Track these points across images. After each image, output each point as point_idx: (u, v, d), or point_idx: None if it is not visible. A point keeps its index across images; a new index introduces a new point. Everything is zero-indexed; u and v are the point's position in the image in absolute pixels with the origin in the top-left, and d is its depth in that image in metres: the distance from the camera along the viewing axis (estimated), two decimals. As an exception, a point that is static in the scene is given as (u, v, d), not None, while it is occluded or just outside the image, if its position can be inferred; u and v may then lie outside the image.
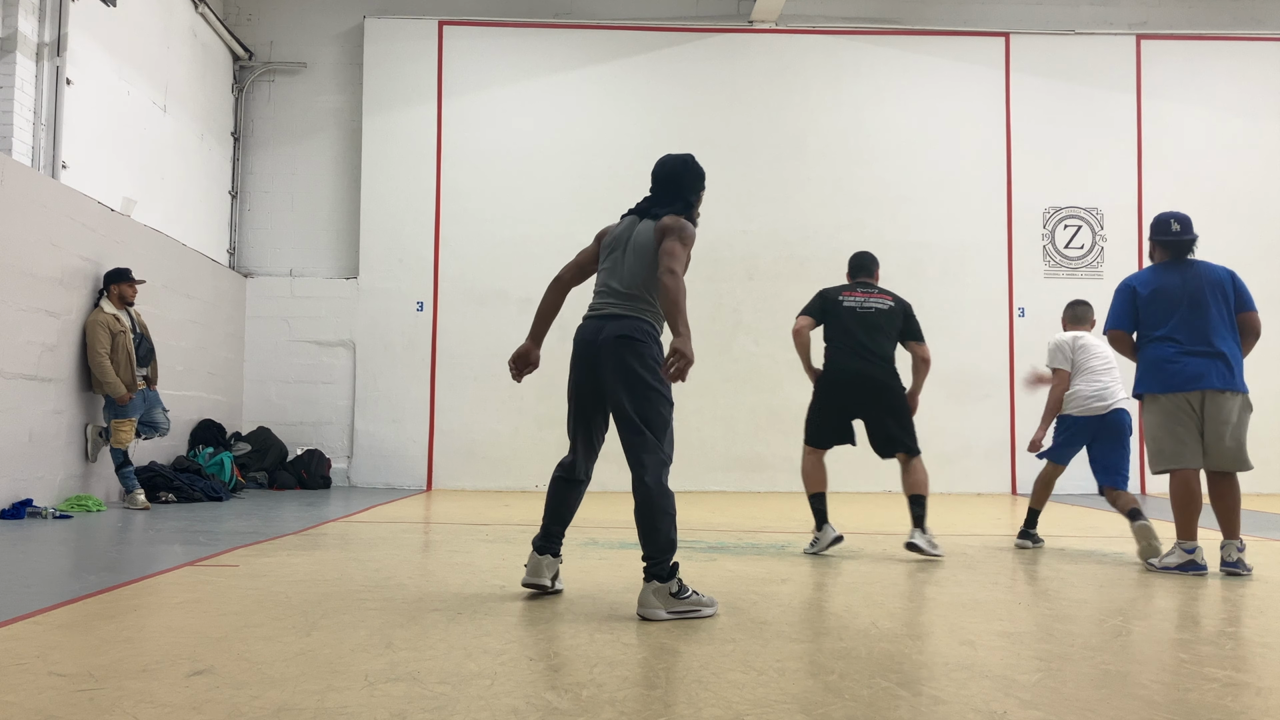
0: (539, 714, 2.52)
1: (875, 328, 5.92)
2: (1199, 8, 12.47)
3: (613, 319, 4.02)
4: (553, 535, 4.24)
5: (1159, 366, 5.24)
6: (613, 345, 3.96)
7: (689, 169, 4.37)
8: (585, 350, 4.06)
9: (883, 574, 5.09)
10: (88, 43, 8.44)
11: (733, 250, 11.89)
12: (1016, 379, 11.85)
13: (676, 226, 4.06)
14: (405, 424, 11.57)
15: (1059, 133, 12.11)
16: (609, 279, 4.13)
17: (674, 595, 3.85)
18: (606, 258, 4.20)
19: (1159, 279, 5.38)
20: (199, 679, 2.80)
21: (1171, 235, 5.45)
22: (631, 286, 4.05)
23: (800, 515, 8.35)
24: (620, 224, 4.29)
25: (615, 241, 4.19)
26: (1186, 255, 5.44)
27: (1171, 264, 5.41)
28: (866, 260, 6.34)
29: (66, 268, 7.79)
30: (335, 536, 6.50)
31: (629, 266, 4.08)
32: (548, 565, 4.23)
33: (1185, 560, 5.17)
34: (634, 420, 3.92)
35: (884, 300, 6.05)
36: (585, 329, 4.11)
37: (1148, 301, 5.34)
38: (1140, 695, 2.79)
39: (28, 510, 7.04)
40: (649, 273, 4.03)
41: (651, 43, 12.00)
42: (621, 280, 4.08)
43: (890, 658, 3.18)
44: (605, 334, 4.00)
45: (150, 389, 8.27)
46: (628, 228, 4.20)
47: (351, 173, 11.88)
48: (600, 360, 3.99)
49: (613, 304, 4.06)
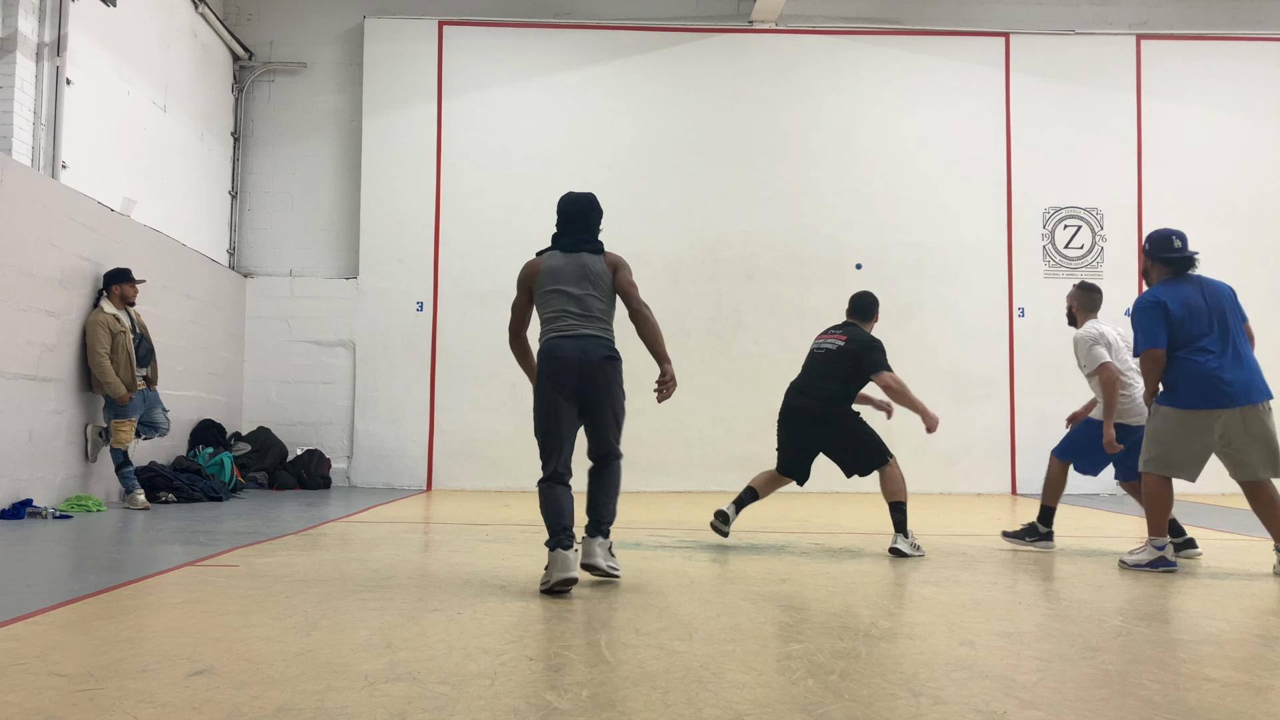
0: (539, 714, 2.52)
1: (821, 367, 6.31)
2: (1199, 8, 12.47)
3: (590, 339, 4.59)
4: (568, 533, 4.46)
5: (1201, 381, 5.11)
6: (600, 362, 4.56)
7: (596, 207, 4.90)
8: (567, 366, 4.55)
9: (883, 574, 5.09)
10: (88, 43, 8.43)
11: (733, 250, 11.89)
12: (1017, 379, 11.86)
13: (625, 264, 4.79)
14: (405, 424, 11.56)
15: (1059, 133, 12.11)
16: (568, 304, 4.64)
17: (610, 552, 4.64)
18: (552, 288, 4.68)
19: (1182, 293, 5.28)
20: (199, 679, 2.80)
21: (1174, 252, 5.38)
22: (597, 311, 4.65)
23: (800, 515, 8.36)
24: (551, 258, 4.76)
25: (558, 274, 4.69)
26: (1189, 271, 5.37)
27: (1181, 280, 5.34)
28: (859, 302, 6.70)
29: (66, 268, 7.79)
30: (335, 536, 6.50)
31: (592, 294, 4.66)
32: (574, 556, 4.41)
33: (1156, 557, 5.24)
34: (614, 422, 4.65)
35: (837, 340, 6.36)
36: (564, 347, 4.58)
37: (1179, 320, 5.21)
38: (1140, 695, 2.79)
39: (28, 510, 7.04)
40: (609, 302, 4.72)
41: (651, 43, 12.00)
42: (585, 306, 4.63)
43: (890, 658, 3.18)
44: (590, 352, 4.56)
45: (150, 389, 8.26)
46: (569, 261, 4.71)
47: (351, 173, 11.88)
48: (587, 375, 4.55)
49: (582, 325, 4.60)
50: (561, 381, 4.55)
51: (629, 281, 4.73)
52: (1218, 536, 6.83)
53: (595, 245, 4.77)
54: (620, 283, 4.73)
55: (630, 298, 4.71)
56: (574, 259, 4.71)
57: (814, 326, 11.85)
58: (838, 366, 6.25)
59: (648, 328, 4.67)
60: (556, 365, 4.56)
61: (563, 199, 4.90)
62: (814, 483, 12.38)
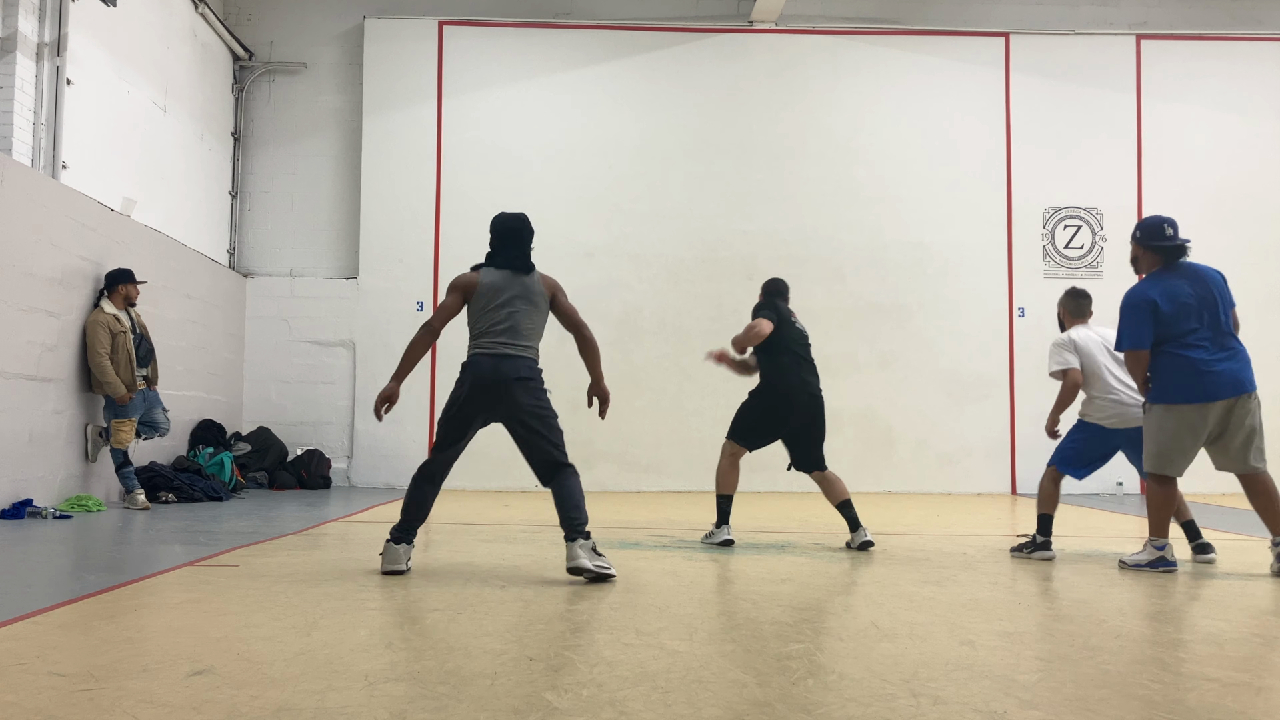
0: (539, 714, 2.52)
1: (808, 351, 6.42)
2: (1199, 8, 12.47)
3: (509, 359, 4.82)
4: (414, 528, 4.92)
5: (1192, 376, 5.08)
6: (513, 384, 4.79)
7: (529, 227, 5.13)
8: (482, 380, 4.81)
9: (883, 574, 5.09)
10: (88, 43, 8.43)
11: (732, 250, 11.89)
12: (1017, 379, 11.86)
13: (562, 288, 5.06)
14: (405, 424, 11.56)
15: (1059, 133, 12.11)
16: (499, 322, 4.87)
17: (595, 551, 4.70)
18: (489, 304, 4.90)
19: (1173, 287, 5.21)
20: (199, 679, 2.80)
21: (1166, 240, 5.32)
22: (525, 331, 4.89)
23: (800, 515, 8.35)
24: (489, 274, 4.97)
25: (498, 290, 4.90)
26: (1181, 259, 5.32)
27: (1172, 270, 5.28)
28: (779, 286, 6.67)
29: (66, 268, 7.79)
30: (335, 536, 6.50)
31: (524, 316, 4.89)
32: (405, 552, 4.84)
33: (1156, 557, 5.24)
34: (546, 433, 4.82)
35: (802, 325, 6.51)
36: (483, 364, 4.83)
37: (1169, 316, 5.16)
38: (1140, 695, 2.79)
39: (28, 510, 7.04)
40: (541, 323, 4.98)
41: (651, 43, 12.00)
42: (515, 325, 4.87)
43: (890, 658, 3.18)
44: (504, 371, 4.80)
45: (150, 389, 8.26)
46: (507, 280, 4.93)
47: (351, 173, 11.88)
48: (499, 393, 4.79)
49: (508, 346, 4.84)
50: (475, 396, 4.82)
51: (570, 307, 5.02)
52: (1218, 537, 6.82)
53: (530, 266, 5.00)
54: (563, 308, 5.00)
55: (575, 323, 4.99)
56: (513, 279, 4.94)
57: (813, 326, 11.82)
58: None
59: (591, 349, 4.99)
60: (474, 381, 4.83)
61: (496, 219, 5.13)
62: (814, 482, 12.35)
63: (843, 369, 11.83)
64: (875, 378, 11.85)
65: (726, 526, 6.23)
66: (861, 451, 11.78)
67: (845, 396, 11.75)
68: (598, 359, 5.00)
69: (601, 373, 5.02)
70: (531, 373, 4.86)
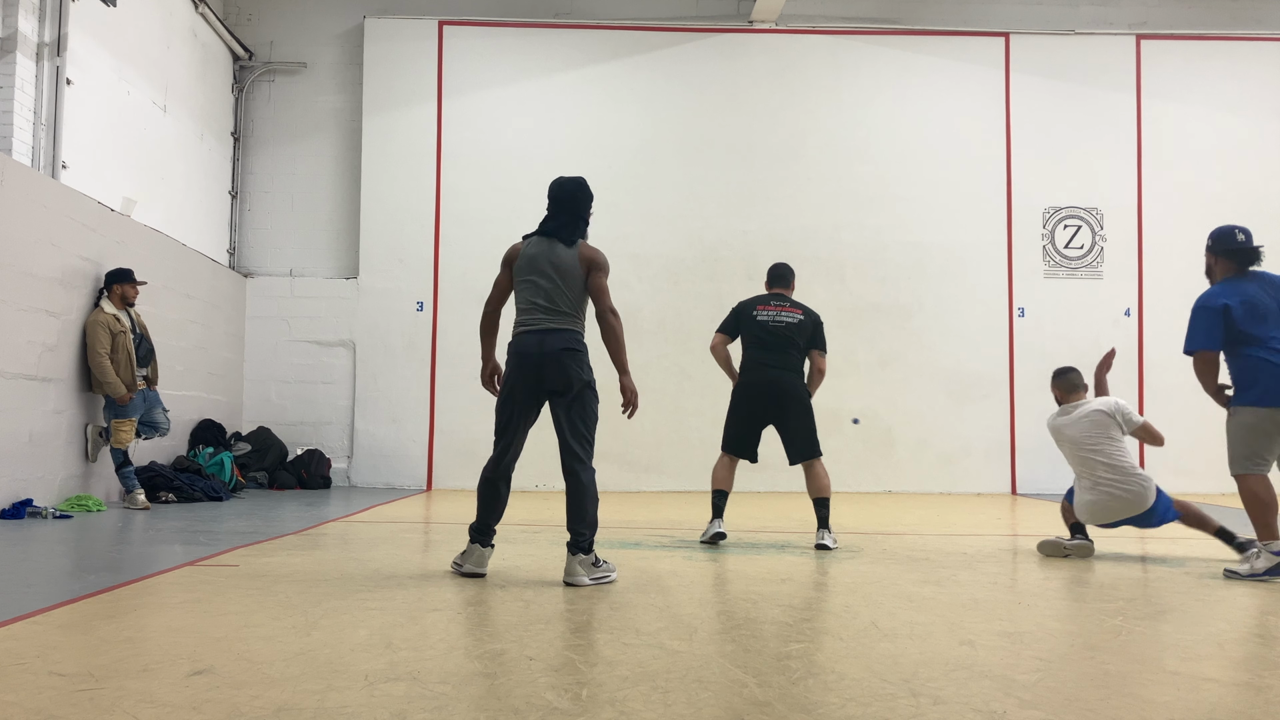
0: (539, 714, 2.52)
1: (783, 342, 6.30)
2: (1199, 8, 12.47)
3: (552, 333, 4.60)
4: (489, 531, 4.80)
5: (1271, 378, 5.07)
6: (558, 355, 4.57)
7: (584, 190, 4.87)
8: (528, 359, 4.61)
9: (883, 574, 5.09)
10: (88, 43, 8.43)
11: (733, 250, 11.89)
12: (1017, 379, 11.86)
13: (601, 261, 4.70)
14: (405, 424, 11.57)
15: (1059, 133, 12.11)
16: (535, 296, 4.66)
17: (594, 565, 4.62)
18: (525, 277, 4.70)
19: (1245, 291, 5.22)
20: (199, 679, 2.80)
21: (1238, 245, 5.31)
22: (564, 305, 4.64)
23: (800, 515, 8.35)
24: (531, 245, 4.75)
25: (532, 262, 4.69)
26: (1254, 265, 5.30)
27: (1243, 278, 5.27)
28: (784, 271, 6.65)
29: (66, 268, 7.79)
30: (335, 536, 6.50)
31: (559, 287, 4.64)
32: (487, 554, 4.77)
33: (1275, 563, 5.00)
34: (575, 421, 4.59)
35: (794, 314, 6.38)
36: (526, 342, 4.63)
37: (1243, 317, 5.16)
38: (1140, 695, 2.79)
39: (28, 510, 7.04)
40: (577, 294, 4.68)
41: (651, 43, 12.00)
42: (552, 299, 4.63)
43: (890, 658, 3.18)
44: (549, 345, 4.57)
45: (150, 389, 8.27)
46: (544, 250, 4.69)
47: (351, 173, 11.89)
48: (545, 367, 4.57)
49: (547, 319, 4.62)
50: (521, 373, 4.63)
51: (600, 286, 4.68)
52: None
53: (571, 236, 4.71)
54: (592, 286, 4.69)
55: (599, 304, 4.69)
56: (549, 248, 4.69)
57: (814, 326, 11.97)
58: (799, 340, 6.33)
59: (610, 336, 4.68)
60: (519, 358, 4.65)
61: (553, 182, 4.89)
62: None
63: (843, 369, 11.83)
64: (875, 378, 11.85)
65: (718, 520, 6.29)
66: (861, 451, 11.78)
67: (845, 396, 11.76)
68: (616, 347, 4.68)
69: (624, 364, 4.71)
70: (576, 344, 4.62)
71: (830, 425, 11.81)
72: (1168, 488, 6.14)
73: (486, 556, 4.74)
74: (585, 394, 4.61)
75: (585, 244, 4.74)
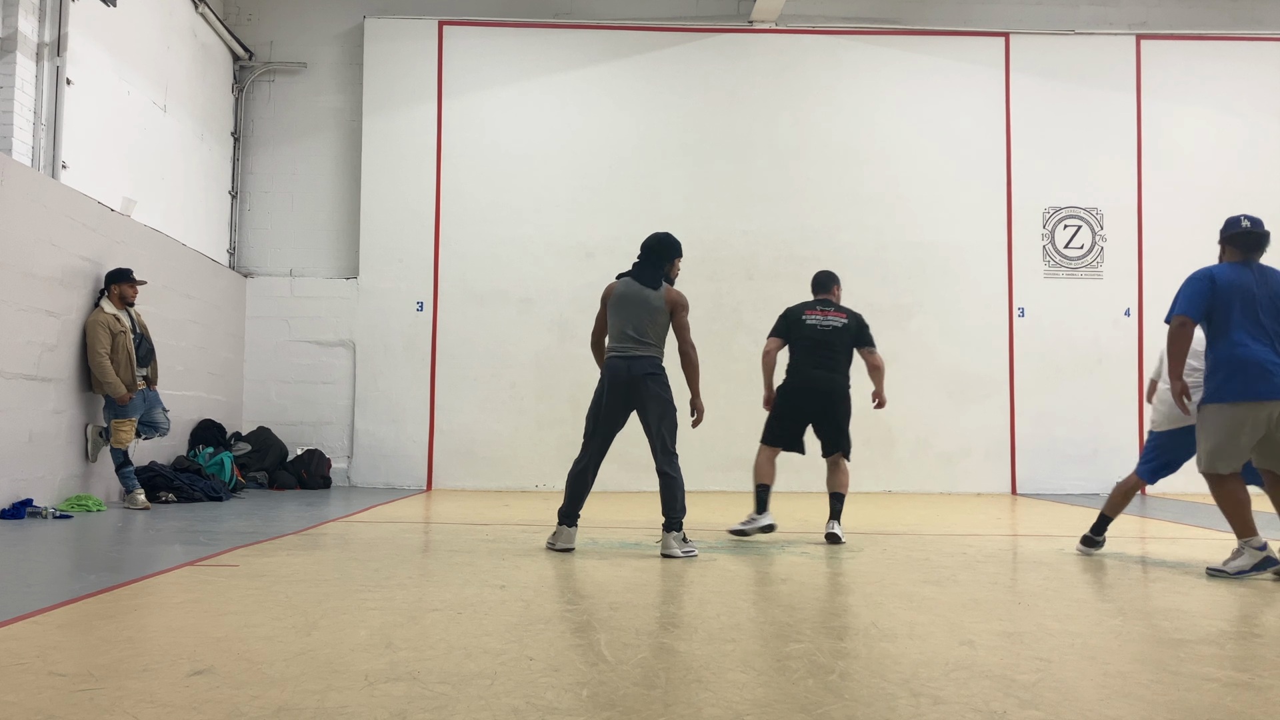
0: (539, 714, 2.52)
1: (832, 344, 6.66)
2: (1199, 8, 12.47)
3: (638, 359, 5.66)
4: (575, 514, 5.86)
5: (1250, 370, 4.99)
6: (643, 378, 5.64)
7: (670, 245, 5.90)
8: (618, 380, 5.67)
9: (882, 574, 5.09)
10: (88, 43, 8.43)
11: (732, 250, 11.88)
12: (1017, 379, 11.86)
13: (684, 303, 5.75)
14: (405, 424, 11.56)
15: (1059, 133, 12.11)
16: (626, 328, 5.70)
17: (684, 540, 5.64)
18: (618, 312, 5.73)
19: (1237, 275, 5.18)
20: (199, 679, 2.80)
21: (1240, 230, 5.28)
22: (650, 338, 5.70)
23: (800, 515, 8.36)
24: (622, 285, 5.80)
25: (624, 300, 5.73)
26: (1258, 253, 5.26)
27: (1244, 264, 5.24)
28: (825, 279, 7.03)
29: (66, 268, 7.79)
30: (335, 536, 6.50)
31: (646, 322, 5.69)
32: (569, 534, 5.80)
33: (1260, 559, 4.97)
34: (660, 428, 5.66)
35: (839, 318, 6.73)
36: (617, 365, 5.67)
37: (1225, 295, 5.07)
38: (1140, 695, 2.79)
39: (28, 510, 7.04)
40: (660, 328, 5.74)
41: (651, 43, 12.00)
42: (640, 331, 5.69)
43: (890, 658, 3.18)
44: (635, 370, 5.63)
45: (150, 389, 8.26)
46: (634, 291, 5.74)
47: (351, 173, 11.88)
48: (632, 387, 5.63)
49: (635, 348, 5.67)
50: (613, 391, 5.67)
51: (683, 324, 5.75)
52: (1218, 537, 6.83)
53: (658, 281, 5.76)
54: (676, 324, 5.76)
55: (681, 339, 5.76)
56: (640, 291, 5.73)
57: (814, 326, 11.95)
58: (845, 343, 6.69)
59: (689, 366, 5.77)
60: (611, 378, 5.70)
61: (648, 238, 5.90)
62: (814, 482, 12.35)
63: (843, 369, 11.84)
64: (875, 378, 11.83)
65: (766, 514, 6.61)
66: (861, 451, 11.67)
67: (845, 396, 11.76)
68: (696, 374, 5.75)
69: (697, 389, 5.78)
70: (654, 369, 5.66)
71: (830, 425, 11.83)
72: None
73: (574, 535, 5.78)
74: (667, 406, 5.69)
75: (670, 289, 5.78)
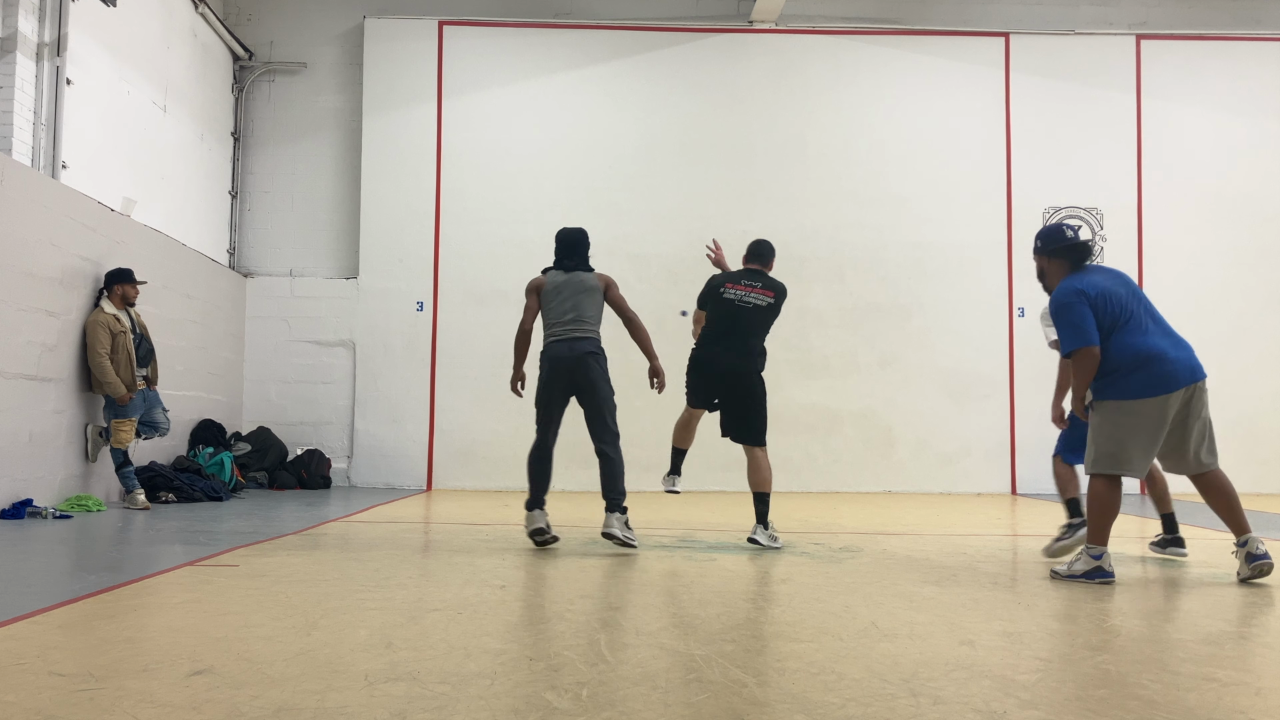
0: (539, 714, 2.52)
1: (746, 323, 6.16)
2: (1199, 8, 12.47)
3: (580, 339, 5.80)
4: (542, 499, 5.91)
5: (1148, 364, 4.73)
6: (586, 356, 5.76)
7: (586, 238, 6.12)
8: (561, 362, 5.78)
9: (883, 574, 5.08)
10: (88, 43, 8.43)
11: (732, 250, 11.83)
12: (1017, 379, 11.86)
13: (614, 282, 6.00)
14: (405, 424, 11.56)
15: (1059, 133, 12.11)
16: (565, 312, 5.84)
17: (627, 525, 5.73)
18: (556, 299, 5.86)
19: (1095, 280, 4.92)
20: (199, 679, 2.80)
21: (1069, 241, 5.13)
22: (588, 318, 5.86)
23: (800, 515, 8.35)
24: (555, 277, 5.94)
25: (560, 288, 5.89)
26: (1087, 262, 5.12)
27: (1084, 270, 5.05)
28: (762, 250, 6.50)
29: (66, 268, 7.79)
30: (335, 536, 6.50)
31: (585, 304, 5.85)
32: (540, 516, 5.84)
33: (1093, 567, 4.79)
34: (601, 408, 5.77)
35: (764, 296, 6.22)
36: (559, 349, 5.79)
37: (1100, 303, 4.82)
38: (1140, 695, 2.79)
39: (28, 510, 7.04)
40: (598, 308, 5.92)
41: (651, 43, 12.00)
42: (580, 312, 5.83)
43: (890, 658, 3.18)
44: (578, 349, 5.77)
45: (150, 389, 8.27)
46: (569, 277, 5.92)
47: (351, 173, 11.88)
48: (577, 367, 5.74)
49: (575, 329, 5.81)
50: (556, 374, 5.76)
51: (619, 297, 5.95)
52: (1217, 536, 6.83)
53: (588, 267, 5.98)
54: (613, 298, 5.94)
55: (623, 310, 5.92)
56: (573, 277, 5.91)
57: (814, 327, 11.98)
58: (766, 323, 6.24)
59: (639, 331, 5.94)
60: (553, 361, 5.78)
61: (560, 232, 6.11)
62: (814, 482, 12.34)
63: (843, 369, 11.84)
64: (875, 378, 11.85)
65: (675, 476, 6.58)
66: (861, 451, 11.78)
67: (845, 397, 11.77)
68: (645, 339, 5.91)
69: (654, 352, 5.90)
70: (596, 349, 5.81)
71: (830, 424, 11.84)
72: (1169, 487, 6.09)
73: (544, 515, 5.83)
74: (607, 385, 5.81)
75: (598, 272, 5.98)
